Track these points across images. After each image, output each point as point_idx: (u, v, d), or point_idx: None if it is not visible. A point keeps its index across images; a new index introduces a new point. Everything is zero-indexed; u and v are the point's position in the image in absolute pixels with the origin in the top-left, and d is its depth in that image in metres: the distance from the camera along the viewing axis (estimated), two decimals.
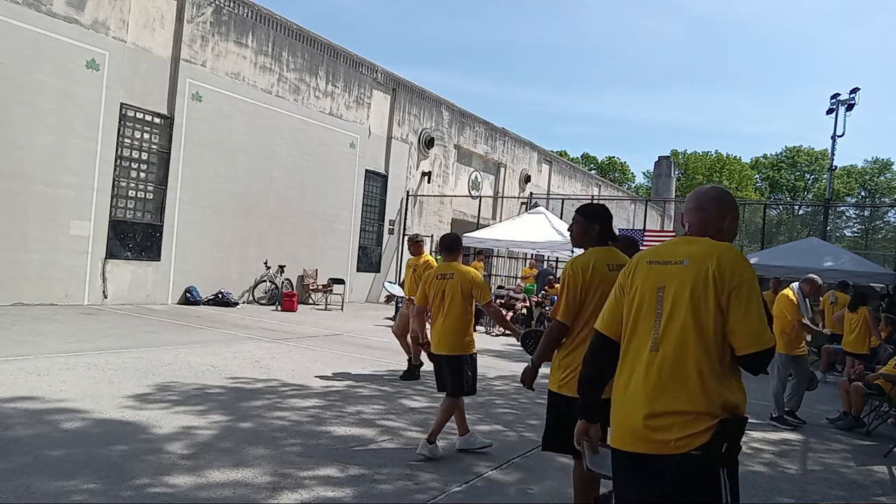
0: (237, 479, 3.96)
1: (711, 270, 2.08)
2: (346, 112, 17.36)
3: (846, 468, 5.49)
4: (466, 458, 4.81)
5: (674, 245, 2.28)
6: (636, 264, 2.31)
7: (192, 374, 6.83)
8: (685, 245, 2.23)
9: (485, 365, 9.32)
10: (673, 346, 2.09)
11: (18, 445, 4.18)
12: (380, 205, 19.20)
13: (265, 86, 14.91)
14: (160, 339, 8.98)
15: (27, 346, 7.40)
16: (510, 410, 6.54)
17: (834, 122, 18.71)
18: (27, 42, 10.55)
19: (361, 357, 8.97)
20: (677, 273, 2.15)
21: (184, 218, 13.22)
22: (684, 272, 2.14)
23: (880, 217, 48.10)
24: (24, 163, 10.63)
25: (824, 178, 53.51)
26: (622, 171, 66.32)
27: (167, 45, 12.86)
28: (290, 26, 15.61)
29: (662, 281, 2.18)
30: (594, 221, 3.55)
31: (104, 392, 5.70)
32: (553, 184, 28.51)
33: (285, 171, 15.59)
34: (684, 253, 2.19)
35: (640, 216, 30.78)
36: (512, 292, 15.52)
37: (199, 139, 13.40)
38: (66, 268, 11.30)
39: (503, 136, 24.91)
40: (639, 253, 2.40)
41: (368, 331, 12.24)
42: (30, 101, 10.64)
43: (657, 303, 2.16)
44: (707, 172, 59.96)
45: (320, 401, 6.16)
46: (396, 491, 4.04)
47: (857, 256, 15.51)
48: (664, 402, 2.06)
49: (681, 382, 2.05)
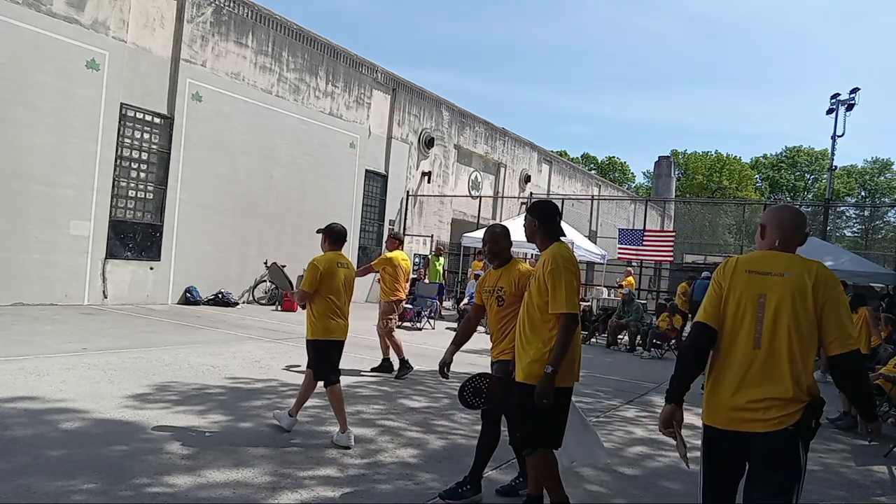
0: (237, 479, 3.96)
1: (810, 284, 2.54)
2: (346, 112, 17.37)
3: (846, 468, 5.49)
4: (466, 457, 4.81)
5: (771, 258, 2.67)
6: (734, 270, 2.69)
7: (192, 374, 6.84)
8: (781, 259, 2.66)
9: (485, 365, 9.30)
10: (773, 345, 2.55)
11: (18, 445, 4.18)
12: (380, 205, 19.20)
13: (265, 86, 14.92)
14: (160, 339, 8.99)
15: (27, 346, 7.40)
16: None
17: (834, 122, 18.72)
18: (27, 42, 10.55)
19: (361, 357, 8.96)
20: (779, 284, 2.59)
21: (184, 218, 13.22)
22: (785, 283, 2.58)
23: (880, 217, 48.10)
24: (24, 163, 10.63)
25: (824, 178, 53.56)
26: (622, 171, 66.32)
27: (167, 45, 12.86)
28: (290, 26, 15.62)
29: (763, 289, 2.60)
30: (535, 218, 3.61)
31: (104, 392, 5.70)
32: (553, 184, 28.51)
33: (285, 171, 15.60)
34: (783, 267, 2.62)
35: (640, 216, 30.78)
36: None
37: (199, 139, 13.40)
38: (66, 268, 11.31)
39: (503, 136, 24.92)
40: (733, 259, 2.75)
41: (368, 331, 12.22)
42: (30, 101, 10.64)
43: (758, 307, 2.59)
44: (707, 172, 59.97)
45: (320, 401, 6.15)
46: (396, 491, 4.04)
47: (857, 256, 15.52)
48: (765, 390, 2.54)
49: (779, 374, 2.53)
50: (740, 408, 2.56)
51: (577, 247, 14.94)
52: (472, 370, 8.72)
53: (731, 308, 2.64)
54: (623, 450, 5.44)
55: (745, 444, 2.57)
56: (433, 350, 10.49)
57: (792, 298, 2.54)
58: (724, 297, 2.67)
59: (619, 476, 4.72)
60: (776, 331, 2.54)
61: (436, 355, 9.79)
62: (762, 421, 2.52)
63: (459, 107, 22.35)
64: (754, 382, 2.55)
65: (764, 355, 2.55)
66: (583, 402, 7.33)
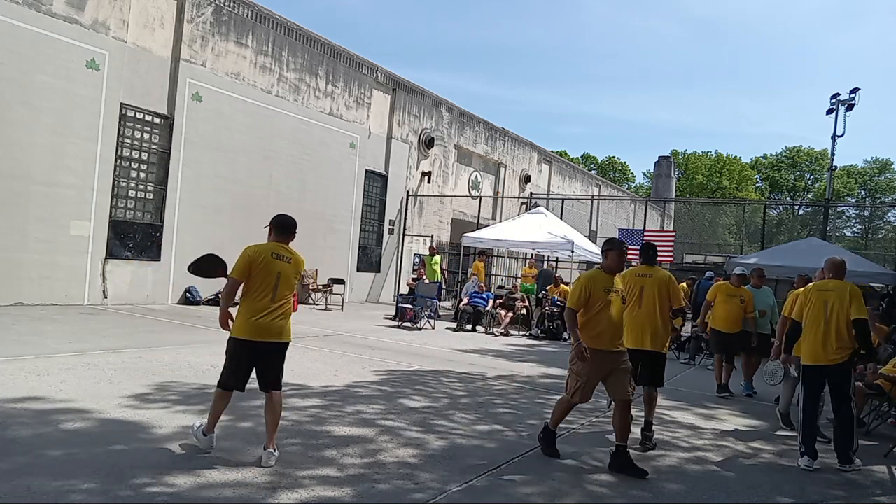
0: (237, 479, 3.96)
1: (848, 294, 5.41)
2: (346, 112, 17.37)
3: (846, 468, 5.49)
4: (466, 457, 4.81)
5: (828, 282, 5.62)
6: (812, 291, 5.65)
7: (192, 373, 6.84)
8: (833, 282, 5.59)
9: (485, 365, 9.33)
10: (835, 323, 5.38)
11: (18, 445, 4.19)
12: (380, 205, 19.20)
13: (265, 86, 14.92)
14: (160, 339, 8.99)
15: (27, 346, 7.40)
16: (509, 410, 6.54)
17: (834, 122, 18.67)
18: (27, 42, 10.55)
19: (361, 357, 8.97)
20: (832, 295, 5.48)
21: (184, 218, 13.22)
22: (836, 294, 5.46)
23: (880, 217, 48.05)
24: (24, 163, 10.63)
25: (824, 178, 53.54)
26: (622, 171, 66.31)
27: (167, 45, 12.86)
28: (290, 26, 15.62)
29: (826, 297, 5.50)
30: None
31: (104, 392, 5.70)
32: (553, 184, 28.51)
33: (285, 171, 15.60)
34: (833, 287, 5.54)
35: (640, 216, 30.78)
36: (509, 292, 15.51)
37: (199, 139, 13.40)
38: (66, 268, 11.31)
39: (503, 136, 24.91)
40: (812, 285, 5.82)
41: (368, 331, 12.24)
42: (30, 101, 10.65)
43: (824, 306, 5.45)
44: (707, 172, 59.97)
45: (320, 401, 6.16)
46: (395, 490, 4.04)
47: (857, 256, 15.49)
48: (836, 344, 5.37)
49: (840, 337, 5.36)
50: (822, 355, 5.40)
51: (577, 247, 14.95)
52: (472, 370, 8.70)
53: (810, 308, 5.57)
54: None
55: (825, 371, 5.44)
56: (433, 350, 10.50)
57: (840, 301, 5.40)
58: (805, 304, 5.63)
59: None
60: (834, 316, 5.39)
61: (436, 355, 9.84)
62: (834, 359, 5.37)
63: (459, 107, 22.36)
64: (827, 341, 5.39)
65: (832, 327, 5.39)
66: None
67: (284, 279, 4.46)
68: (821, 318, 5.41)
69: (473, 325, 14.10)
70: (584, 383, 4.89)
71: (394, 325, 13.39)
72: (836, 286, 5.49)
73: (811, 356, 5.45)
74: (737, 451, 5.75)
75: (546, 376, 8.85)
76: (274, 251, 4.49)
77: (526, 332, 14.29)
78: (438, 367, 8.73)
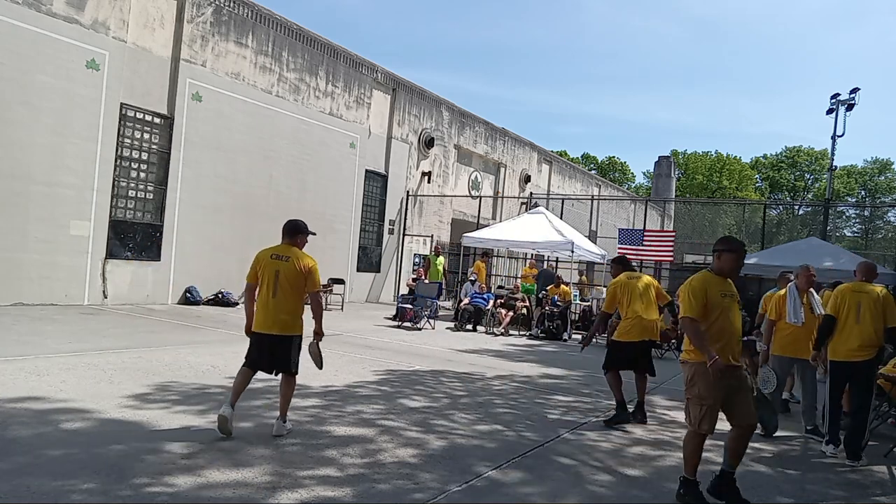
0: (237, 479, 3.96)
1: (881, 297, 5.72)
2: (346, 112, 17.37)
3: (846, 468, 5.49)
4: (466, 457, 4.81)
5: (863, 284, 5.89)
6: (846, 293, 5.84)
7: (192, 374, 6.84)
8: (867, 285, 5.88)
9: (485, 365, 9.33)
10: (868, 323, 5.65)
11: (18, 445, 4.19)
12: (380, 205, 19.20)
13: (265, 86, 14.92)
14: (160, 339, 8.99)
15: (27, 346, 7.40)
16: (509, 410, 6.54)
17: (834, 122, 18.68)
18: (27, 42, 10.55)
19: (361, 357, 8.97)
20: (866, 296, 5.75)
21: (184, 218, 13.22)
22: (869, 296, 5.74)
23: (880, 217, 48.05)
24: (24, 163, 10.63)
25: (824, 178, 53.54)
26: (622, 171, 66.30)
27: (167, 45, 12.86)
28: (290, 26, 15.62)
29: (859, 299, 5.76)
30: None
31: (104, 392, 5.70)
32: (553, 184, 28.51)
33: (285, 171, 15.60)
34: (868, 290, 5.80)
35: (639, 216, 30.78)
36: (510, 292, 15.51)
37: (199, 139, 13.40)
38: (66, 268, 11.31)
39: (503, 136, 24.91)
40: (843, 287, 5.96)
41: (368, 331, 12.24)
42: (30, 101, 10.65)
43: (857, 306, 5.72)
44: (707, 172, 59.95)
45: (320, 401, 6.16)
46: (395, 490, 4.04)
47: (857, 256, 15.47)
48: (865, 343, 5.64)
49: (869, 336, 5.64)
50: (854, 351, 5.67)
51: (577, 247, 14.94)
52: (472, 370, 8.69)
53: (845, 309, 5.79)
54: (623, 450, 5.44)
55: (856, 366, 5.69)
56: (433, 350, 10.50)
57: (874, 303, 5.70)
58: (840, 305, 5.81)
59: (619, 476, 4.72)
60: (866, 315, 5.66)
61: (436, 355, 9.84)
62: (862, 356, 5.65)
63: (459, 107, 22.35)
64: (858, 339, 5.65)
65: (865, 327, 5.65)
66: (582, 401, 7.34)
67: (284, 277, 4.89)
68: (853, 318, 5.70)
69: (474, 325, 14.11)
70: (709, 407, 4.21)
71: (394, 325, 13.39)
72: (870, 289, 5.80)
73: (843, 353, 5.74)
74: None
75: (546, 376, 8.85)
76: (274, 252, 4.98)
77: (526, 332, 14.29)
78: (438, 367, 8.73)
